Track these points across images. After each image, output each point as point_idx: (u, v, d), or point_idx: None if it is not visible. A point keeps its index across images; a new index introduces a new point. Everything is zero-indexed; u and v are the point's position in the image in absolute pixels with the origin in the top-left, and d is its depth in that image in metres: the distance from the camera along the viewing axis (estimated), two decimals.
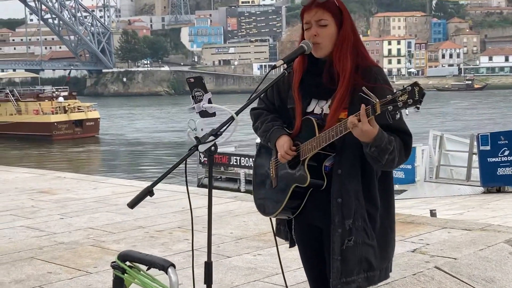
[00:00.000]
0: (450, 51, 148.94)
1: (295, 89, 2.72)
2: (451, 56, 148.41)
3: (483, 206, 11.80)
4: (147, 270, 2.58)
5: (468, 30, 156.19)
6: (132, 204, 2.44)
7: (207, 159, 2.53)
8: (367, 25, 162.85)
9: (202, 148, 2.44)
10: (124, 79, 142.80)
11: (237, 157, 23.88)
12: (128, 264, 2.60)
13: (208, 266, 2.48)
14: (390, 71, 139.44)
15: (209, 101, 2.64)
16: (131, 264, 2.60)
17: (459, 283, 4.32)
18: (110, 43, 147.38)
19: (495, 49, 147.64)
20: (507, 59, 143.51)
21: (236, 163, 23.94)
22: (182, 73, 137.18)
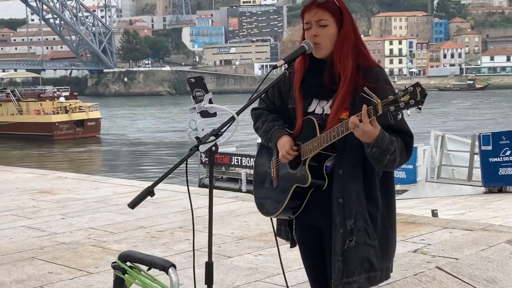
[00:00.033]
0: (451, 51, 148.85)
1: (296, 89, 2.71)
2: (452, 56, 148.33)
3: (484, 206, 11.79)
4: (148, 270, 2.57)
5: (469, 30, 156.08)
6: (133, 205, 2.43)
7: (208, 159, 2.52)
8: (368, 25, 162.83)
9: (203, 148, 2.44)
10: (125, 79, 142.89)
11: (238, 157, 23.85)
12: (128, 264, 2.60)
13: (208, 267, 2.47)
14: (391, 71, 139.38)
15: (210, 101, 2.63)
16: (131, 264, 2.60)
17: (461, 283, 4.31)
18: (111, 43, 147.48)
19: (496, 49, 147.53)
20: (508, 59, 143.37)
21: (237, 163, 23.91)
22: (183, 73, 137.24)
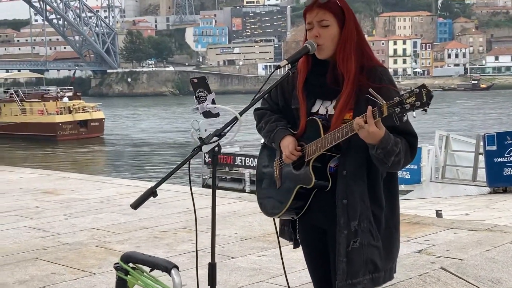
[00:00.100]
0: (456, 50, 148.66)
1: (300, 90, 2.70)
2: (457, 56, 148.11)
3: (489, 206, 11.76)
4: (150, 271, 2.56)
5: (474, 30, 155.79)
6: (136, 205, 2.42)
7: (211, 159, 2.51)
8: (372, 25, 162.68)
9: (205, 148, 2.42)
10: (129, 80, 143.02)
11: (242, 158, 23.84)
12: (131, 265, 2.59)
13: (212, 267, 2.46)
14: (395, 71, 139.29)
15: (213, 102, 2.61)
16: (134, 265, 2.59)
17: (465, 284, 4.29)
18: (114, 43, 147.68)
19: (501, 49, 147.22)
20: None
21: (241, 164, 23.90)
22: (187, 73, 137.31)
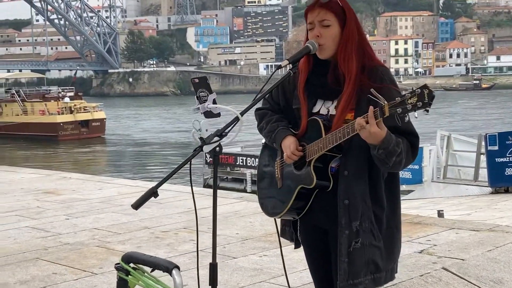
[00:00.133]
0: (457, 50, 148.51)
1: (301, 90, 2.69)
2: (458, 55, 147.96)
3: (491, 206, 11.75)
4: (151, 272, 2.55)
5: (475, 30, 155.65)
6: (137, 205, 2.41)
7: (212, 159, 2.50)
8: (374, 24, 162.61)
9: (206, 149, 2.42)
10: (130, 80, 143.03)
11: (243, 158, 23.82)
12: (132, 266, 2.58)
13: (213, 268, 2.45)
14: (397, 71, 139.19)
15: (214, 102, 2.60)
16: (135, 265, 2.58)
17: (467, 284, 4.28)
18: (116, 43, 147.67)
19: (503, 49, 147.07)
20: None
21: (242, 164, 23.88)
22: (188, 73, 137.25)
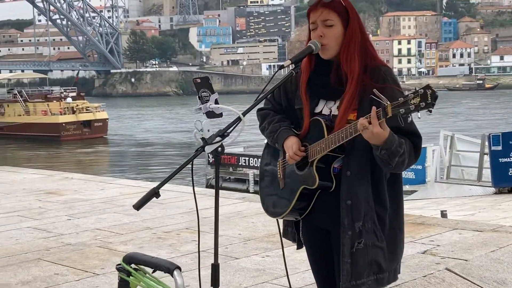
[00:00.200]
0: (460, 50, 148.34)
1: (303, 90, 2.68)
2: (461, 55, 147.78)
3: (494, 206, 11.72)
4: (153, 272, 2.54)
5: (479, 29, 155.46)
6: (138, 206, 2.40)
7: (214, 160, 2.49)
8: (377, 24, 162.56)
9: (208, 149, 2.40)
10: (133, 80, 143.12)
11: (246, 158, 23.81)
12: (133, 266, 2.57)
13: (215, 268, 2.44)
14: (400, 71, 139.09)
15: (216, 102, 2.59)
16: (136, 266, 2.57)
17: (470, 285, 4.26)
18: (118, 43, 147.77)
19: (506, 49, 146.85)
20: None
21: (245, 164, 23.87)
22: (191, 73, 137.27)
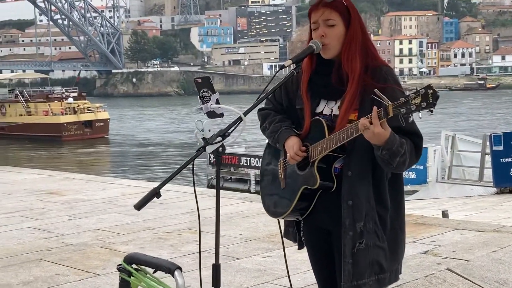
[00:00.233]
0: (462, 50, 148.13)
1: (304, 90, 2.68)
2: (463, 55, 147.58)
3: (496, 207, 11.71)
4: (154, 273, 2.54)
5: (480, 29, 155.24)
6: (139, 206, 2.40)
7: (215, 160, 2.49)
8: (378, 24, 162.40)
9: (209, 149, 2.40)
10: (134, 80, 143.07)
11: (247, 158, 23.81)
12: (134, 267, 2.57)
13: (215, 269, 2.44)
14: (401, 71, 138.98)
15: (217, 102, 2.59)
16: (137, 267, 2.57)
17: (472, 285, 4.26)
18: (119, 43, 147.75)
19: (507, 48, 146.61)
20: None
21: (246, 164, 23.86)
22: (192, 73, 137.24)
